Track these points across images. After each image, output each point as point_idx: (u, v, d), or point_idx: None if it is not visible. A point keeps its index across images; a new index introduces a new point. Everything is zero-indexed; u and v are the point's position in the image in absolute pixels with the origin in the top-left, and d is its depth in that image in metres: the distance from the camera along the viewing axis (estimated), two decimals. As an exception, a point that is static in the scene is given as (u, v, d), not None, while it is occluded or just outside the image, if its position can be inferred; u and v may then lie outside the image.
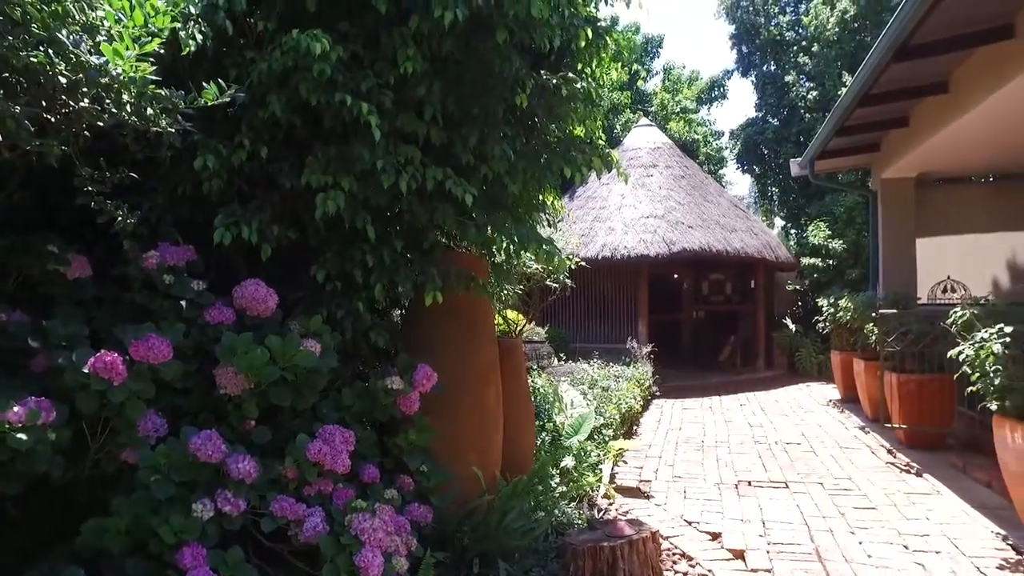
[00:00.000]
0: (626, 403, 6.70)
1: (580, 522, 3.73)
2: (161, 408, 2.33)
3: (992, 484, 4.67)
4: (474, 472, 3.33)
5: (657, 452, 6.14)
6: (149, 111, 2.16)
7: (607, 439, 5.41)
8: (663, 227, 10.75)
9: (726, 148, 19.91)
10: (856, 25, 14.67)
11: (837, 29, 14.78)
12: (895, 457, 5.95)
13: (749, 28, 17.22)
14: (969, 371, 3.85)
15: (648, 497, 4.79)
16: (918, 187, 9.19)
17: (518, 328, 6.88)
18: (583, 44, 2.93)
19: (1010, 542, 3.81)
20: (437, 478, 3.07)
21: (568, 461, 4.48)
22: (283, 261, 2.96)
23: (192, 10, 2.50)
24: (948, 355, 4.14)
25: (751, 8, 17.29)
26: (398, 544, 2.45)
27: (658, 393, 9.49)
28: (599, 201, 11.88)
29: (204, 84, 2.40)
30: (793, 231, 16.11)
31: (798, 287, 13.63)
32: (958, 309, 4.30)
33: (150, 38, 2.14)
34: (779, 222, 17.60)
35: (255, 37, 2.77)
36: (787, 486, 5.04)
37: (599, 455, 4.91)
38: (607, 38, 3.57)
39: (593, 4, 3.83)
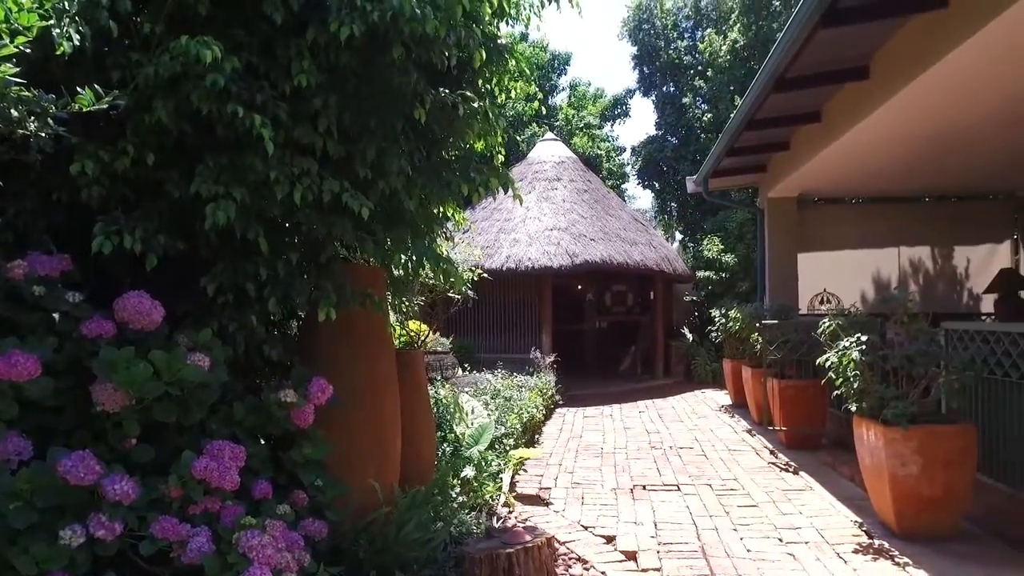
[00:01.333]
0: (528, 412, 6.83)
1: (479, 531, 3.78)
2: (27, 429, 2.18)
3: (854, 478, 5.11)
4: (371, 484, 3.31)
5: (558, 460, 6.29)
6: (14, 113, 2.03)
7: (508, 448, 5.50)
8: (566, 240, 11.06)
9: (628, 164, 20.76)
10: (746, 54, 15.70)
11: (729, 57, 15.78)
12: (776, 457, 6.38)
13: (650, 50, 18.06)
14: (834, 376, 4.22)
15: (547, 504, 4.91)
16: (800, 206, 9.92)
17: (422, 339, 6.86)
18: (478, 64, 3.01)
19: (865, 528, 4.21)
20: (333, 492, 3.04)
21: (469, 471, 4.53)
22: (172, 272, 2.85)
23: (67, 6, 2.37)
24: (817, 362, 4.52)
25: (652, 32, 18.14)
26: (288, 560, 2.41)
27: (561, 402, 9.72)
28: (504, 213, 12.07)
29: (80, 88, 2.29)
30: (690, 245, 16.97)
31: (695, 298, 14.36)
32: (826, 320, 4.70)
33: (11, 37, 2.01)
34: (679, 236, 18.48)
35: (142, 39, 2.66)
36: (679, 488, 5.31)
37: (500, 464, 4.98)
38: (508, 56, 3.69)
39: (495, 23, 3.93)
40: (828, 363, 4.23)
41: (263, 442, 3.01)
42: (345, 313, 3.02)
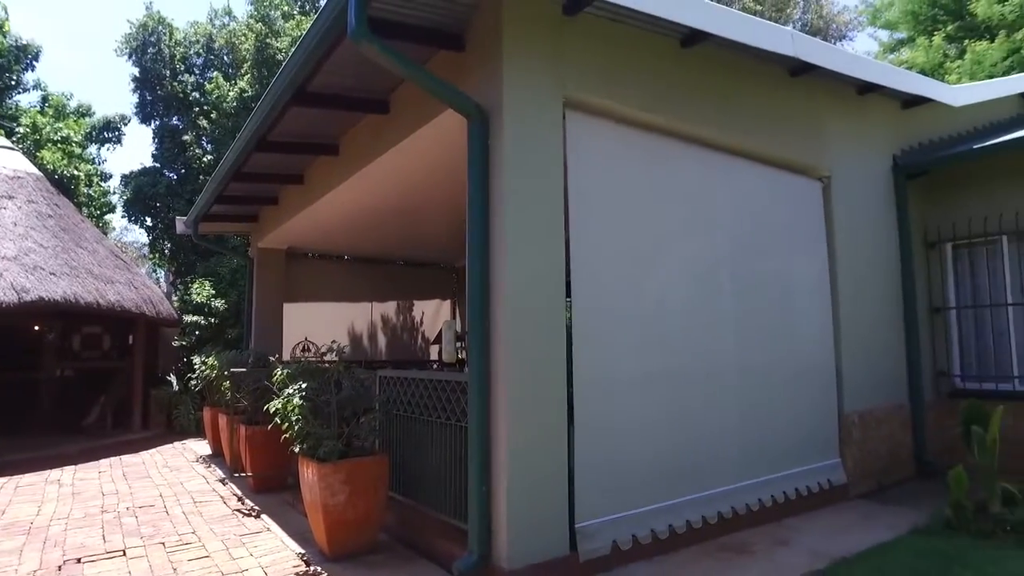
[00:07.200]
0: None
1: None
2: None
3: (307, 514, 5.61)
4: None
5: (-39, 546, 5.07)
6: None
7: None
8: (15, 271, 9.16)
9: (115, 192, 18.52)
10: (253, 105, 16.03)
11: (236, 104, 15.82)
12: (243, 504, 6.47)
13: (154, 77, 16.76)
14: (280, 421, 4.62)
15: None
16: (289, 258, 10.52)
17: None
18: None
19: (305, 558, 4.65)
20: None
21: None
22: None
23: None
24: (264, 408, 4.86)
25: (158, 58, 16.90)
26: None
27: (-13, 471, 7.88)
28: (-77, 231, 9.34)
29: None
30: (181, 287, 16.04)
31: (184, 343, 13.56)
32: (278, 369, 5.11)
33: None
34: (171, 276, 17.24)
35: None
36: (124, 554, 4.89)
37: None
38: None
39: None
40: (274, 409, 4.61)
41: None
42: None
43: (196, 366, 9.33)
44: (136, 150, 51.38)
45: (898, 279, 7.14)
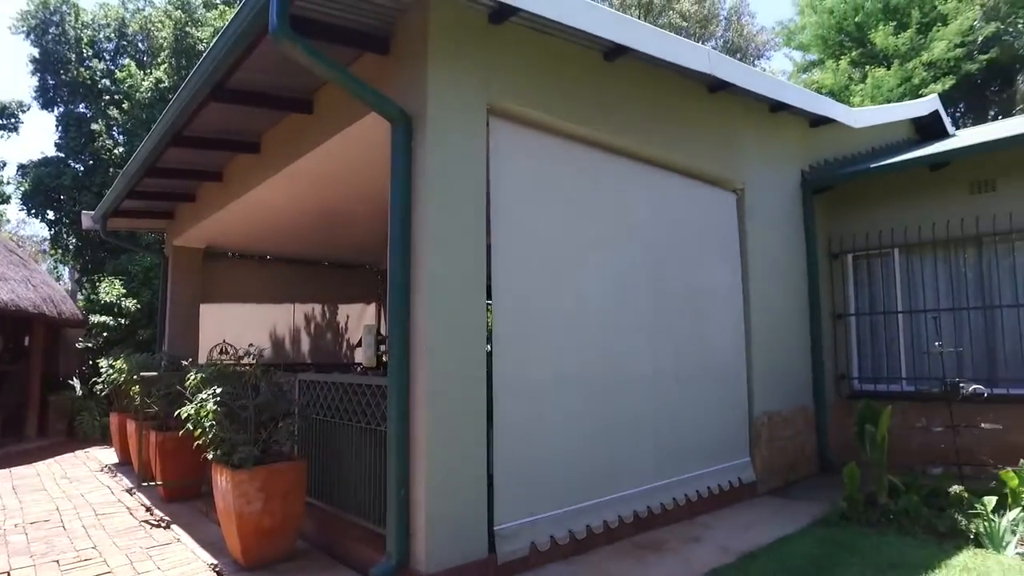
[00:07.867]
0: None
1: None
2: None
3: (220, 523, 5.41)
4: None
5: None
6: None
7: None
8: None
9: (11, 183, 17.25)
10: (171, 96, 15.31)
11: (151, 94, 15.07)
12: (152, 514, 6.17)
13: (57, 60, 15.73)
14: (192, 427, 4.45)
15: None
16: (207, 258, 10.10)
17: None
18: None
19: (218, 569, 4.49)
20: None
21: None
22: None
23: None
24: (175, 413, 4.68)
25: (62, 40, 15.87)
26: None
27: None
28: None
29: None
30: (88, 286, 15.13)
31: (90, 345, 12.79)
32: (191, 373, 4.93)
33: None
34: (76, 274, 16.21)
35: None
36: (9, 575, 4.58)
37: None
38: None
39: None
40: (185, 414, 4.44)
41: None
42: None
43: (103, 369, 8.81)
44: (36, 138, 47.78)
45: (805, 287, 7.59)
